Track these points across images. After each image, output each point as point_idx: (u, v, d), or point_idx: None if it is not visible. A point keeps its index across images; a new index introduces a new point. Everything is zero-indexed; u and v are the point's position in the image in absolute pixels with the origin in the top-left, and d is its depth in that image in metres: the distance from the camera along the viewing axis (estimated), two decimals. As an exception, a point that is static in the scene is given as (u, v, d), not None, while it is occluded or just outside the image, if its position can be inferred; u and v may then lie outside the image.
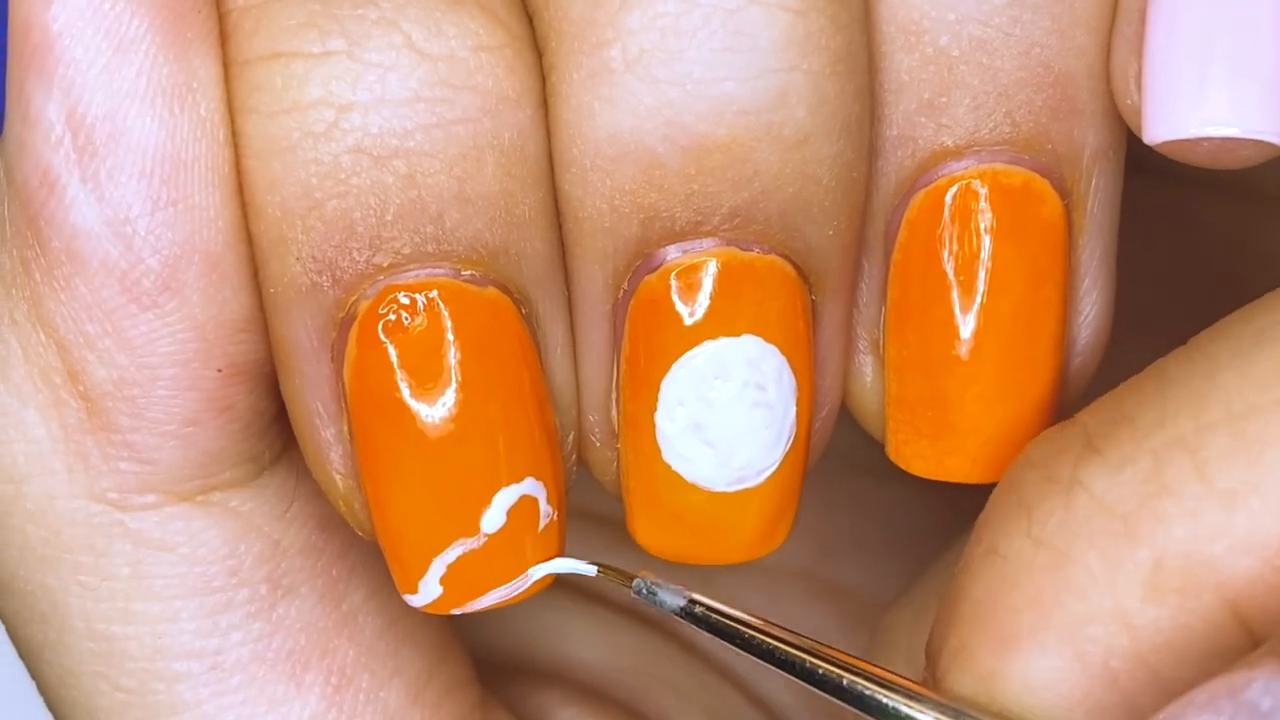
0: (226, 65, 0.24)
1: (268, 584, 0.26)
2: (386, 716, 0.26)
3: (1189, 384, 0.22)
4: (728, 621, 0.24)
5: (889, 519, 0.32)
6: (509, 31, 0.24)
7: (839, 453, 0.27)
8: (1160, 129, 0.24)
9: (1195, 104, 0.23)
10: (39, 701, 0.27)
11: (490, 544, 0.24)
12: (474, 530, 0.24)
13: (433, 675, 0.27)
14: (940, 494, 0.31)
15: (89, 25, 0.23)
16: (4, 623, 0.26)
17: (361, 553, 0.25)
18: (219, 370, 0.24)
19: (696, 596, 0.24)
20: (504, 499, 0.24)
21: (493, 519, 0.24)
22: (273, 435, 0.26)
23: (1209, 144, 0.24)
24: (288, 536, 0.26)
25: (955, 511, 0.31)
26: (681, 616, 0.25)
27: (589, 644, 0.31)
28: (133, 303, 0.24)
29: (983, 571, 0.22)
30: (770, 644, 0.24)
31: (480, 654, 0.29)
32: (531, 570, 0.25)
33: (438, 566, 0.24)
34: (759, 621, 0.24)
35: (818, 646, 0.24)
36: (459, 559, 0.24)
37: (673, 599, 0.25)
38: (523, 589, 0.25)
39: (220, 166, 0.24)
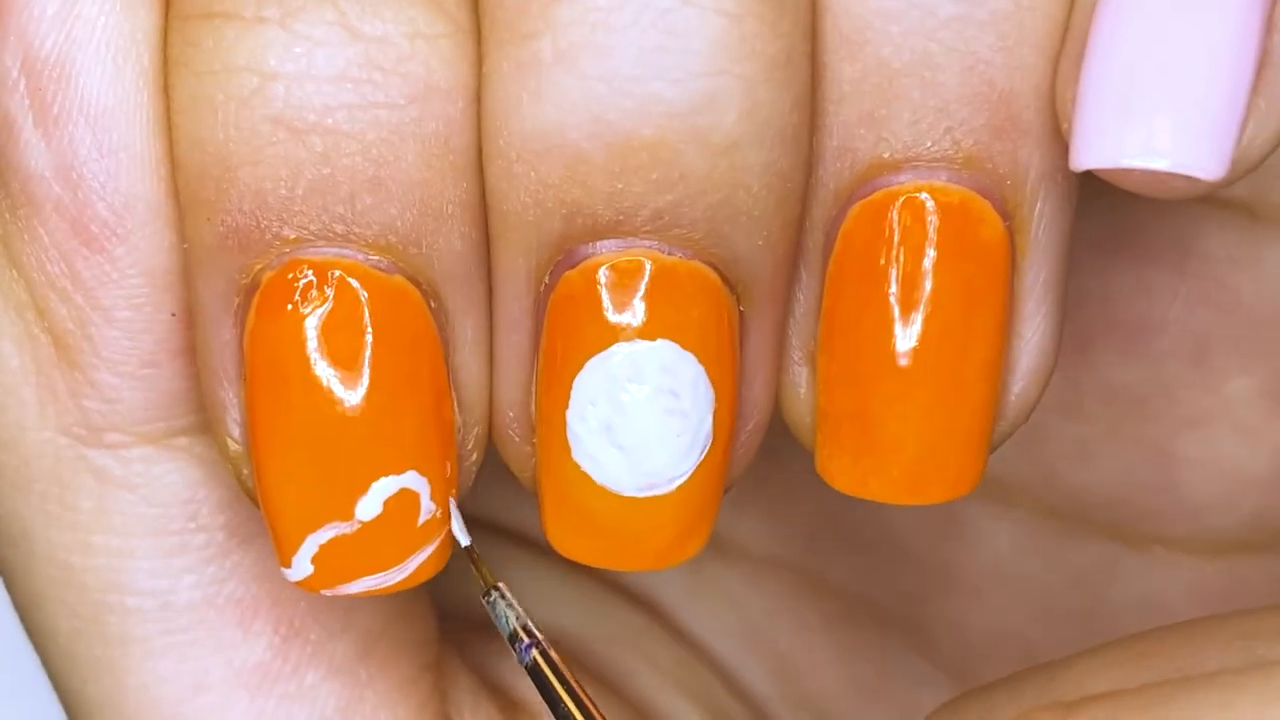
0: (170, 19, 0.24)
1: (224, 531, 0.26)
2: (333, 669, 0.27)
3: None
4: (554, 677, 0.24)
5: (878, 515, 0.31)
6: (452, 22, 0.23)
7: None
8: (1087, 157, 0.23)
9: (1122, 134, 0.23)
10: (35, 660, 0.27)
11: (364, 531, 0.24)
12: (348, 515, 0.24)
13: (384, 632, 0.27)
14: None
15: None
16: None
17: None
18: (172, 315, 0.25)
19: (538, 636, 0.25)
20: (382, 488, 0.24)
21: (368, 507, 0.24)
22: None
23: (1142, 175, 0.23)
24: None
25: (945, 511, 0.31)
26: (510, 643, 0.25)
27: (566, 610, 0.31)
28: (84, 246, 0.24)
29: None
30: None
31: (449, 611, 0.29)
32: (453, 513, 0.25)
33: (310, 545, 0.24)
34: (585, 696, 0.24)
35: None
36: (331, 541, 0.24)
37: (511, 622, 0.25)
38: (398, 579, 0.25)
39: (162, 117, 0.24)
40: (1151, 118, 0.23)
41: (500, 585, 0.25)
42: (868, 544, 0.32)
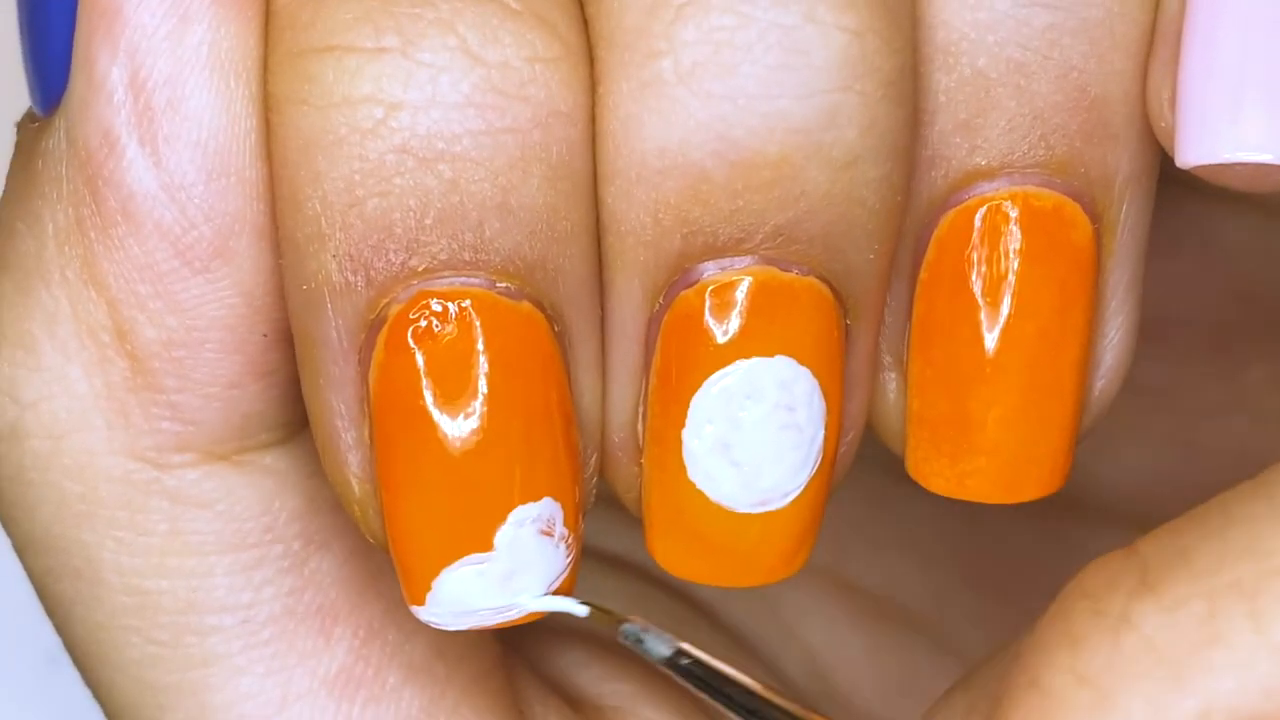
0: (279, 55, 0.24)
1: (301, 540, 0.26)
2: (412, 669, 0.26)
3: (1253, 524, 0.21)
4: (715, 676, 0.24)
5: (905, 517, 0.32)
6: (566, 45, 0.23)
7: (858, 450, 0.27)
8: (1193, 153, 0.24)
9: (1229, 129, 0.23)
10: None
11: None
12: (487, 546, 0.24)
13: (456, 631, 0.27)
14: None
15: None
16: (34, 580, 0.26)
17: None
18: (264, 335, 0.24)
19: (685, 646, 0.24)
20: (520, 517, 0.24)
21: (507, 536, 0.24)
22: None
23: (1242, 169, 0.24)
24: (321, 493, 0.26)
25: (971, 511, 0.31)
26: (666, 667, 0.24)
27: (610, 600, 0.30)
28: (185, 266, 0.24)
29: (1024, 703, 0.21)
30: (757, 704, 0.24)
31: None
32: (523, 602, 0.24)
33: (444, 579, 0.24)
34: (748, 680, 0.24)
35: (806, 712, 0.24)
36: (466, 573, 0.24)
37: (660, 647, 0.24)
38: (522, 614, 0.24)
39: (265, 143, 0.24)
40: (1257, 110, 0.23)
41: (634, 619, 0.25)
42: (891, 544, 0.32)
